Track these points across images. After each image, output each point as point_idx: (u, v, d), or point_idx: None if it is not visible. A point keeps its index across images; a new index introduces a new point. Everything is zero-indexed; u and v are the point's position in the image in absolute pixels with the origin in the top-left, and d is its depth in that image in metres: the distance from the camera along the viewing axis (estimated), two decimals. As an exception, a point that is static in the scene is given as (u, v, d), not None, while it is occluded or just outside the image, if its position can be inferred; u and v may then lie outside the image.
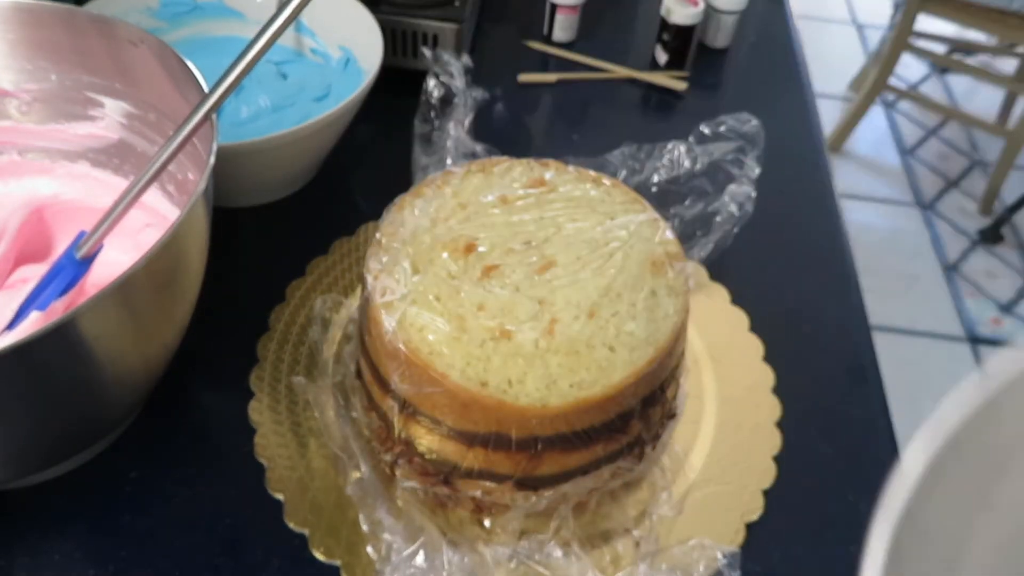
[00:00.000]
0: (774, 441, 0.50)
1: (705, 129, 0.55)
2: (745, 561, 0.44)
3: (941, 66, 2.25)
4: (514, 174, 0.49)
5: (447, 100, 0.54)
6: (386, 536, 0.41)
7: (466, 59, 0.55)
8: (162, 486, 0.46)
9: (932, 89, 2.25)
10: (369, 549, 0.42)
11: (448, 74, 0.54)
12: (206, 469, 0.47)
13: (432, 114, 0.54)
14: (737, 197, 0.54)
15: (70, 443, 0.44)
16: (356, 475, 0.44)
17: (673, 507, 0.46)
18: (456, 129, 0.53)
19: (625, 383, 0.41)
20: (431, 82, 0.54)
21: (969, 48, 2.19)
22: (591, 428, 0.42)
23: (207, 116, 0.39)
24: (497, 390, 0.40)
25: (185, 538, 0.44)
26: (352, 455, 0.45)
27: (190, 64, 0.45)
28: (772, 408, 0.52)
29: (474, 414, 0.41)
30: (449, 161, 0.53)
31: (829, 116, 2.09)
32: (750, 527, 0.46)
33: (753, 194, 0.54)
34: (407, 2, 0.70)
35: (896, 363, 1.60)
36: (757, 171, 0.54)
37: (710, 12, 0.81)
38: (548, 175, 0.49)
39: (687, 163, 0.54)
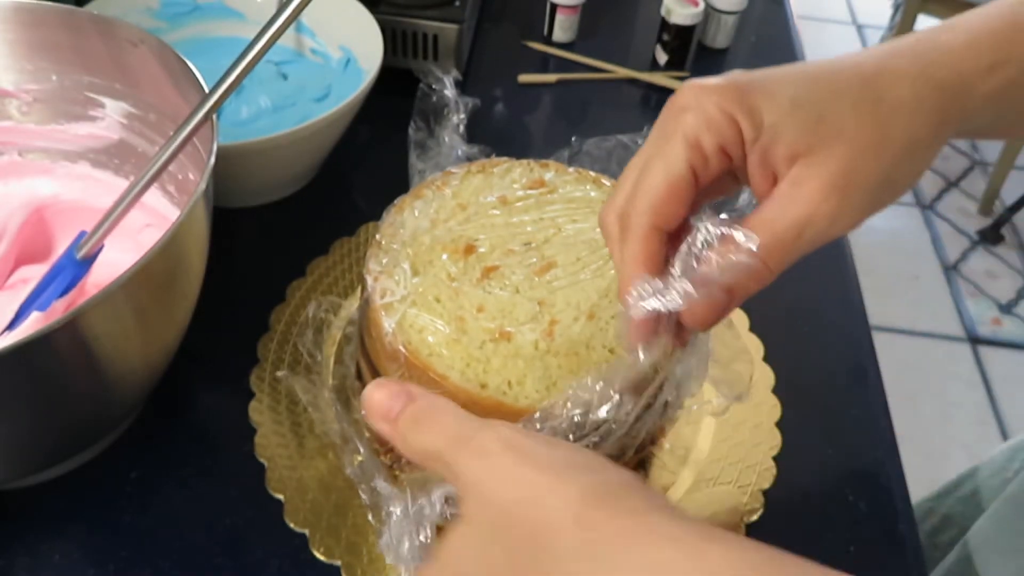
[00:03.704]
0: (774, 441, 0.50)
1: None
2: (745, 561, 0.44)
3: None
4: (514, 175, 0.49)
5: (439, 109, 0.54)
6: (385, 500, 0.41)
7: (455, 74, 0.56)
8: (162, 486, 0.46)
9: (932, 89, 2.24)
10: (369, 517, 0.42)
11: (440, 83, 0.54)
12: (206, 469, 0.47)
13: (425, 123, 0.54)
14: None
15: (70, 443, 0.44)
16: (358, 459, 0.44)
17: (673, 507, 0.46)
18: (451, 137, 0.53)
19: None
20: (421, 89, 0.55)
21: (969, 48, 2.19)
22: (591, 429, 0.42)
23: (207, 116, 0.39)
24: (497, 392, 0.40)
25: (185, 538, 0.44)
26: (350, 439, 0.45)
27: (190, 64, 0.45)
28: (772, 408, 0.52)
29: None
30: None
31: (829, 116, 2.09)
32: (750, 527, 0.46)
33: None
34: (407, 2, 0.70)
35: (896, 363, 1.61)
36: None
37: (710, 12, 0.81)
38: (548, 176, 0.49)
39: None
